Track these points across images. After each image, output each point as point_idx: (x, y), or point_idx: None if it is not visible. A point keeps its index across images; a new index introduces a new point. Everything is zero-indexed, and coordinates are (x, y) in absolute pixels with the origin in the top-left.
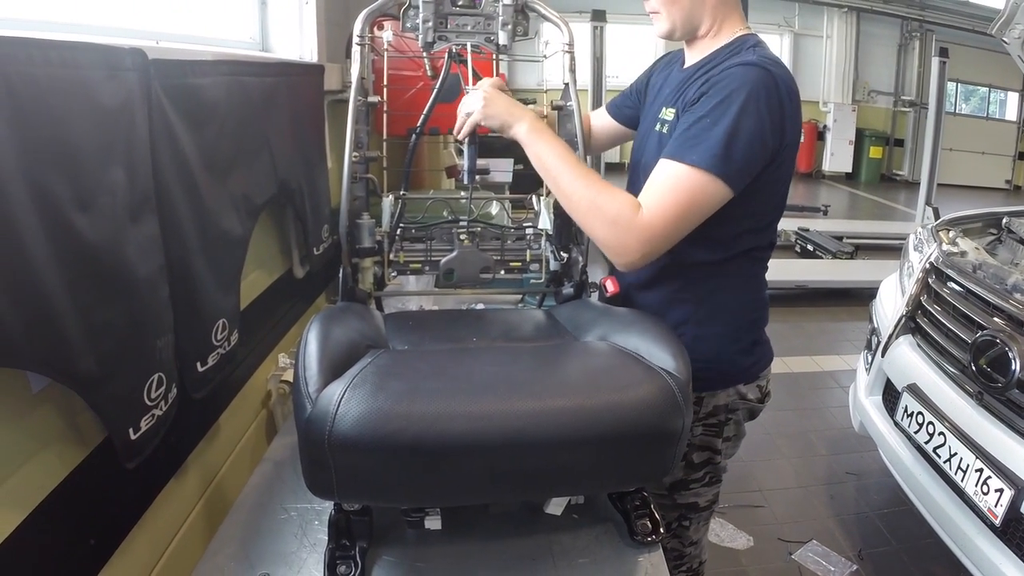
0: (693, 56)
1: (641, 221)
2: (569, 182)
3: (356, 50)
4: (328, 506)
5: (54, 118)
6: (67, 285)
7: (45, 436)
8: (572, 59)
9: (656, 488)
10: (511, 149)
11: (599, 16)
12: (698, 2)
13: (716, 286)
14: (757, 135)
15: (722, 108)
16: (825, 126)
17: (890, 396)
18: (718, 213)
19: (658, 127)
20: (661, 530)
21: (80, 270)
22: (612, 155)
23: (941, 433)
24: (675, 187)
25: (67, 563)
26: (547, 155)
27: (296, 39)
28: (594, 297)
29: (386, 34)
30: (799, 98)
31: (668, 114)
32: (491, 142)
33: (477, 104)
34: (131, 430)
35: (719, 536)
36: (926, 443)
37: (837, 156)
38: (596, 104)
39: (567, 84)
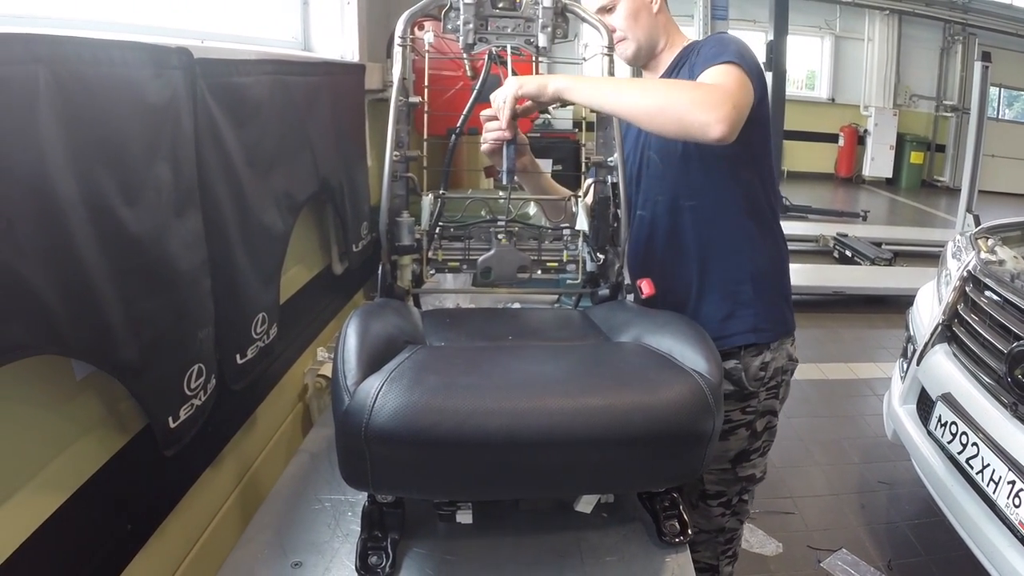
0: (656, 71)
1: (713, 85)
2: (634, 91)
3: (397, 51)
4: (361, 497)
5: (102, 115)
6: (112, 276)
7: (87, 422)
8: (611, 62)
9: (719, 463)
10: (549, 150)
11: None
12: (653, 20)
13: (760, 244)
14: (753, 61)
15: (724, 46)
16: (866, 130)
17: (924, 405)
18: (737, 152)
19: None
20: (689, 531)
21: (125, 262)
22: None
23: (974, 444)
24: (724, 74)
25: (104, 546)
26: (597, 86)
27: (337, 39)
28: (630, 299)
29: (427, 35)
30: None
31: None
32: (529, 144)
33: (509, 85)
34: (170, 419)
35: (748, 542)
36: (959, 453)
37: (877, 161)
38: None
39: None
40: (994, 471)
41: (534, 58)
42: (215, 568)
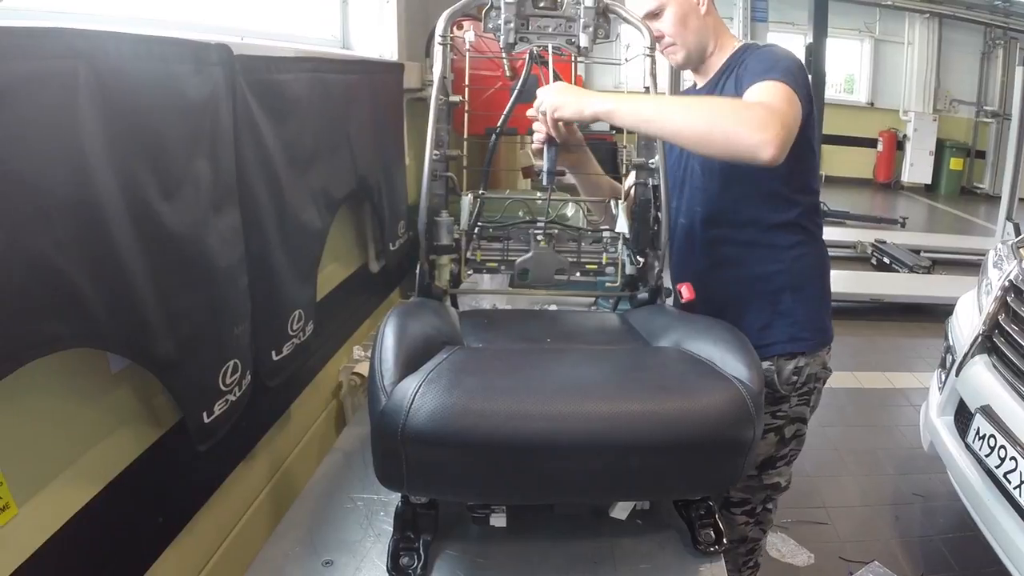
0: (706, 75)
1: (760, 104)
2: (678, 113)
3: (438, 49)
4: (394, 498)
5: (141, 110)
6: (150, 271)
7: (122, 415)
8: (653, 63)
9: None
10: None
11: None
12: (702, 23)
13: (800, 252)
14: (802, 73)
15: (772, 59)
16: (905, 135)
17: (962, 417)
18: (781, 166)
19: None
20: (724, 540)
21: (163, 257)
22: None
23: (1013, 458)
24: (772, 91)
25: (135, 538)
26: (639, 108)
27: (376, 37)
28: (669, 303)
29: (468, 35)
30: None
31: None
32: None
33: (547, 100)
34: (205, 413)
35: (780, 551)
36: (997, 467)
37: (916, 167)
38: None
39: (647, 88)
40: None
41: (574, 58)
42: (245, 564)
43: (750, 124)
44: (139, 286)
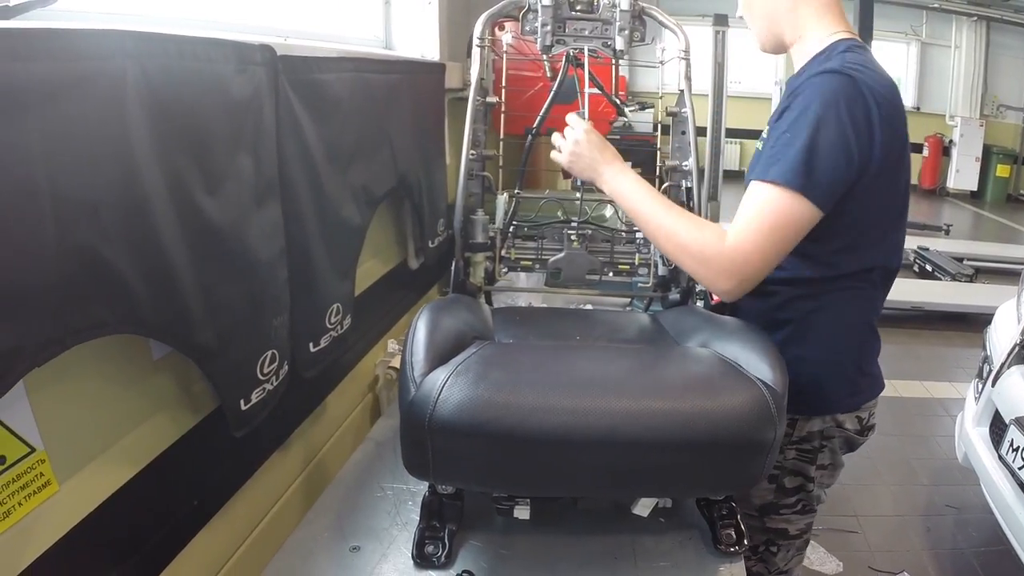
0: (796, 67)
1: (728, 250)
2: (654, 223)
3: (476, 51)
4: (422, 487)
5: (187, 108)
6: (193, 262)
7: (161, 400)
8: (688, 66)
9: (746, 508)
10: (628, 154)
11: (720, 20)
12: (770, 8)
13: (815, 307)
14: (839, 146)
15: (801, 121)
16: (951, 141)
17: (997, 428)
18: (812, 230)
19: (759, 144)
20: (745, 541)
21: (205, 249)
22: (731, 163)
23: None
24: (759, 208)
25: (170, 520)
26: (631, 198)
27: (418, 38)
28: (700, 304)
29: (506, 36)
30: (896, 103)
31: (766, 131)
32: None
33: (564, 155)
34: (242, 401)
35: (809, 559)
36: None
37: (962, 173)
38: (716, 110)
39: (682, 91)
40: None
41: (614, 61)
42: (276, 548)
43: (705, 271)
44: (182, 276)
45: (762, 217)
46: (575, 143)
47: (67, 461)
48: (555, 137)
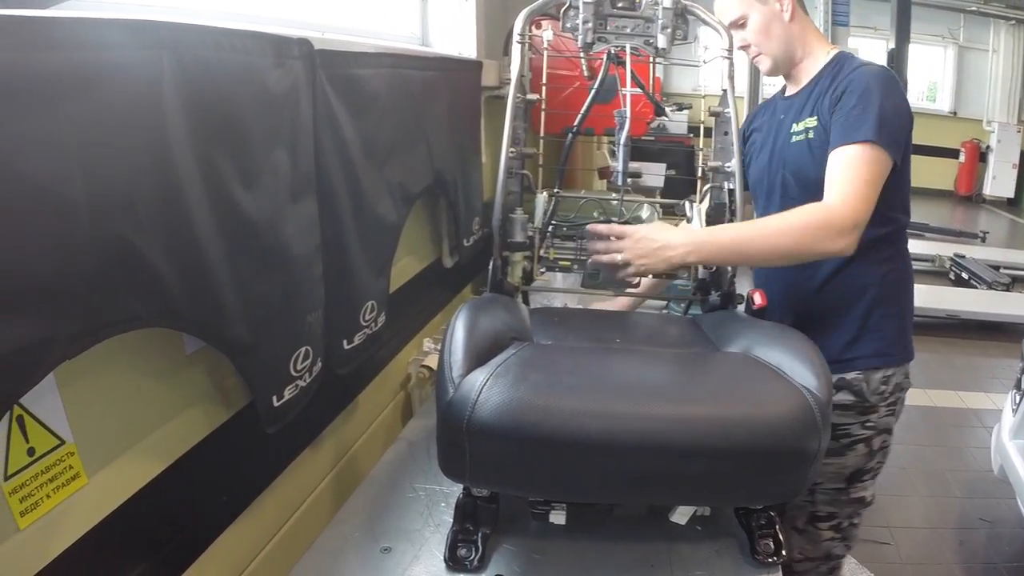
0: (797, 82)
1: (839, 206)
2: (759, 239)
3: (516, 48)
4: (455, 489)
5: (223, 101)
6: (228, 257)
7: (193, 395)
8: (731, 65)
9: (833, 483)
10: (664, 155)
11: None
12: (786, 31)
13: (890, 267)
14: (898, 112)
15: (867, 97)
16: (988, 147)
17: None
18: None
19: (797, 138)
20: (783, 552)
21: (241, 243)
22: None
23: None
24: (855, 164)
25: (199, 515)
26: (721, 247)
27: (455, 35)
28: (740, 309)
29: (546, 34)
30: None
31: (808, 123)
32: (644, 147)
33: (633, 266)
34: (275, 397)
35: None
36: None
37: (999, 180)
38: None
39: (725, 91)
40: None
41: (652, 59)
42: (305, 546)
43: (826, 238)
44: (217, 271)
45: (858, 171)
46: (634, 247)
47: (97, 454)
48: (606, 250)
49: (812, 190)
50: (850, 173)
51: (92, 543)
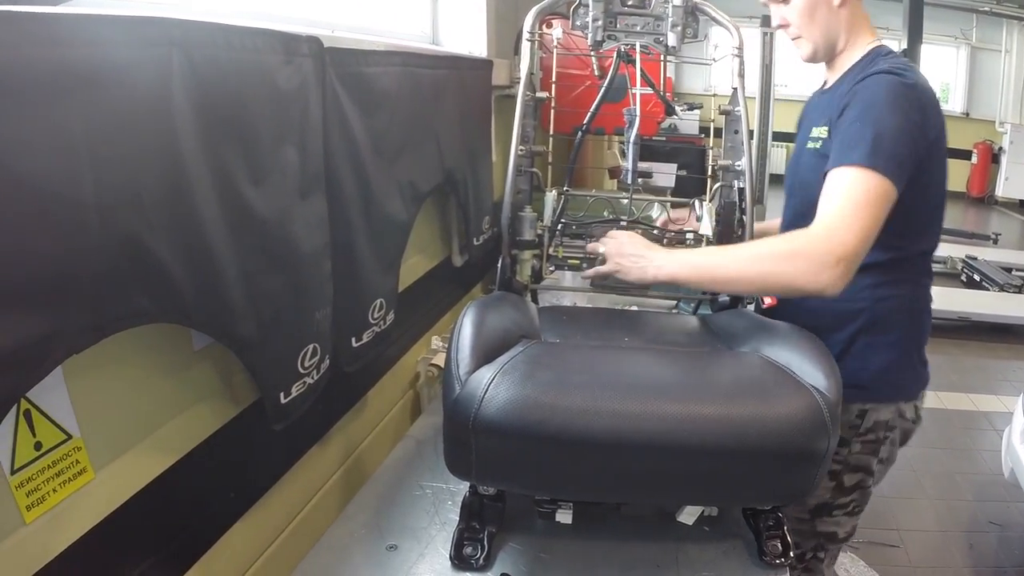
0: (833, 75)
1: (822, 235)
2: (732, 264)
3: (526, 46)
4: (462, 487)
5: (233, 98)
6: (237, 253)
7: (201, 391)
8: (741, 64)
9: (797, 512)
10: (675, 154)
11: (769, 22)
12: (833, 16)
13: (887, 293)
14: (904, 131)
15: (869, 112)
16: (1000, 148)
17: None
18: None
19: (811, 145)
20: (791, 554)
21: (249, 240)
22: (778, 166)
23: None
24: (845, 190)
25: (205, 511)
26: (696, 267)
27: (466, 34)
28: (751, 308)
29: (556, 32)
30: (934, 96)
31: (821, 132)
32: (655, 147)
33: (610, 264)
34: (282, 394)
35: (848, 572)
36: None
37: (1012, 181)
38: (764, 113)
39: (735, 89)
40: None
41: (663, 58)
42: (313, 543)
43: (806, 272)
44: (225, 267)
45: (848, 197)
46: (618, 248)
47: (104, 449)
48: (593, 247)
49: (816, 202)
50: (839, 200)
51: (98, 538)
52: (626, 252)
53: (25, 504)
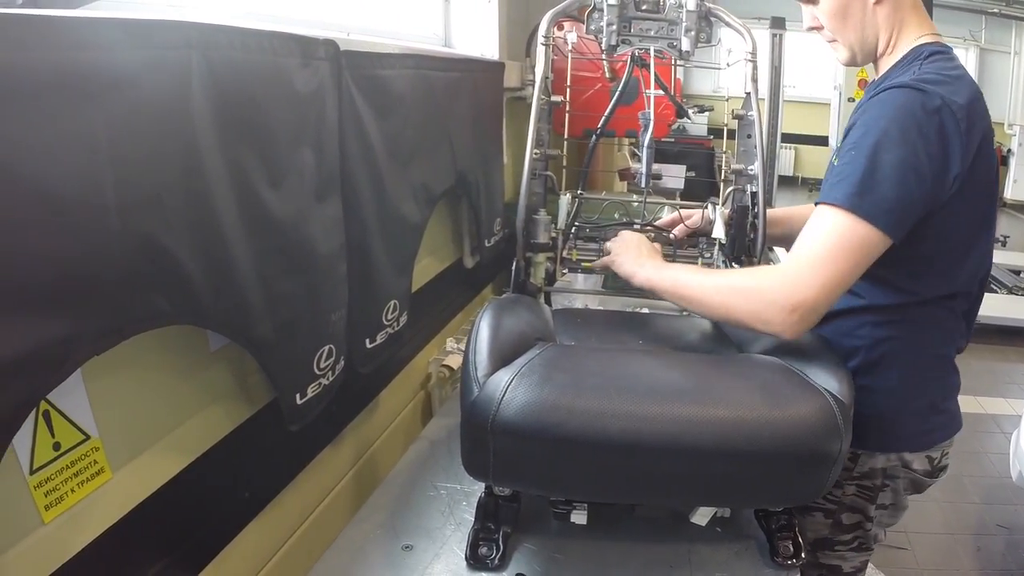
0: (879, 73)
1: (783, 276)
2: (698, 289)
3: (540, 49)
4: (476, 488)
5: (250, 100)
6: (254, 255)
7: (217, 392)
8: (755, 68)
9: None
10: (684, 156)
11: (778, 24)
12: (869, 15)
13: (887, 335)
14: (910, 167)
15: (866, 140)
16: (1009, 150)
17: None
18: (887, 253)
19: (834, 159)
20: (803, 554)
21: (266, 242)
22: (786, 168)
23: None
24: (820, 233)
25: (220, 511)
26: (674, 280)
27: (478, 37)
28: None
29: (571, 35)
30: (976, 114)
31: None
32: (664, 148)
33: (613, 252)
34: (298, 395)
35: None
36: None
37: (1020, 183)
38: (772, 115)
39: (748, 93)
40: None
41: (674, 62)
42: (326, 544)
43: (761, 313)
44: (242, 269)
45: (822, 242)
46: (621, 245)
47: (121, 449)
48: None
49: None
50: (812, 242)
51: (115, 538)
52: (625, 250)
53: (44, 504)
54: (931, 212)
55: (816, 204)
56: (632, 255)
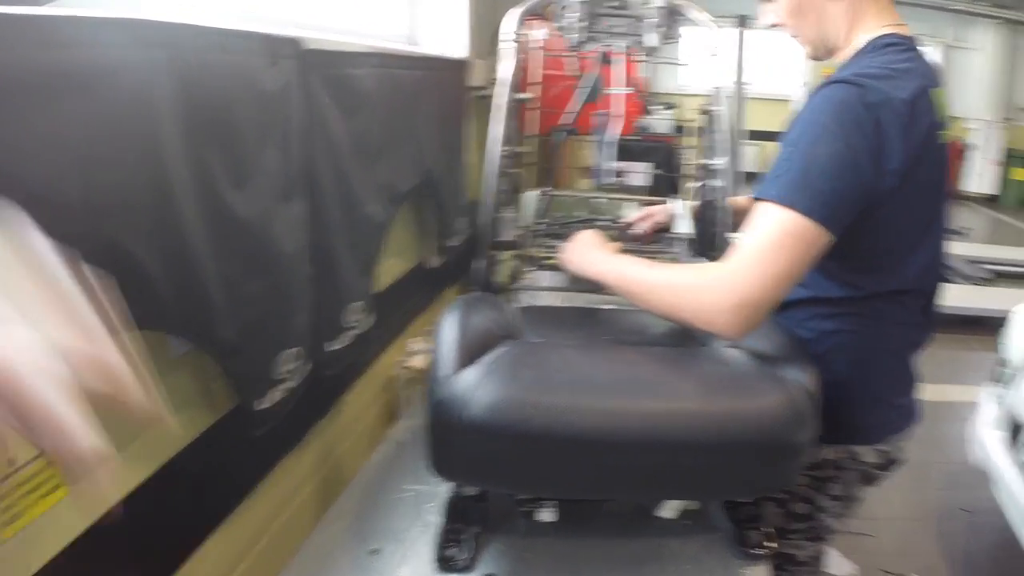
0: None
1: (725, 272)
2: (643, 284)
3: (508, 47)
4: (443, 489)
5: (216, 99)
6: (216, 256)
7: (179, 400)
8: (723, 64)
9: None
10: (649, 153)
11: (743, 22)
12: (824, 9)
13: (835, 328)
14: (845, 162)
15: (804, 137)
16: (970, 144)
17: (1012, 432)
18: (834, 247)
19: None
20: (772, 543)
21: (230, 244)
22: (751, 165)
23: None
24: (763, 228)
25: (183, 521)
26: (620, 273)
27: (443, 34)
28: None
29: (540, 32)
30: (921, 110)
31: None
32: (629, 146)
33: (569, 248)
34: (261, 400)
35: (825, 563)
36: None
37: (981, 177)
38: (736, 109)
39: (718, 88)
40: None
41: (639, 58)
42: (293, 550)
43: (699, 311)
44: (206, 271)
45: (763, 237)
46: (576, 240)
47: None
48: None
49: None
50: (754, 238)
51: (75, 555)
52: (576, 247)
53: (1, 521)
54: (872, 206)
55: (755, 199)
56: (578, 251)
